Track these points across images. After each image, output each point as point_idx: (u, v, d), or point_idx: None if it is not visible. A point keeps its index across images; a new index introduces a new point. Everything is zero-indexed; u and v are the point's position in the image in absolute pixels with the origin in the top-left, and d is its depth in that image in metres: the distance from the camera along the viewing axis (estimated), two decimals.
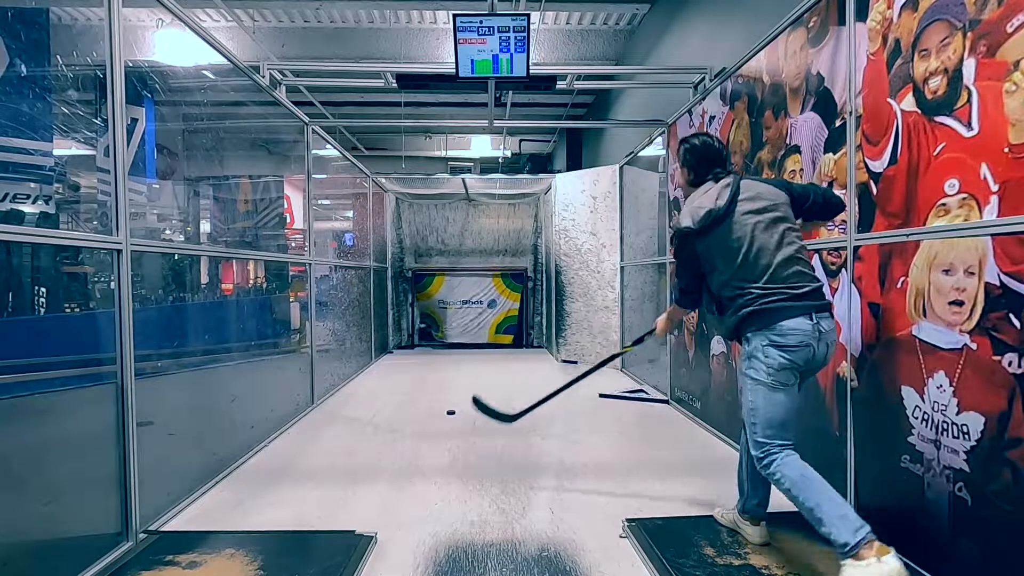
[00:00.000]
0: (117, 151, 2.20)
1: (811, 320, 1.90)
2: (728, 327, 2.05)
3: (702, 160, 2.18)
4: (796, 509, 1.84)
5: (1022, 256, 1.62)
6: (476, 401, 3.02)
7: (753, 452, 1.96)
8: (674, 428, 4.00)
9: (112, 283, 2.25)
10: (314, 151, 4.77)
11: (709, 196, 2.05)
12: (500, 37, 3.77)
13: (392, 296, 8.11)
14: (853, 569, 1.61)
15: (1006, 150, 1.66)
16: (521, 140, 12.51)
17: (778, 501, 2.62)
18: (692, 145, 2.22)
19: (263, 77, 3.88)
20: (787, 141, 2.89)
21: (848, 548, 1.63)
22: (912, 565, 1.91)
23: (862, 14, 2.29)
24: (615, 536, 2.32)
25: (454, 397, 4.89)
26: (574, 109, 10.41)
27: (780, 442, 1.91)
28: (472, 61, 3.84)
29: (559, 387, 2.89)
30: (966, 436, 1.78)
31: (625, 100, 7.91)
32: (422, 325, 8.49)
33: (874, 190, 2.21)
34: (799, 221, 2.12)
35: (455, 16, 3.74)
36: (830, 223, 2.50)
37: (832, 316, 2.00)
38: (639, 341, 2.78)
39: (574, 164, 10.96)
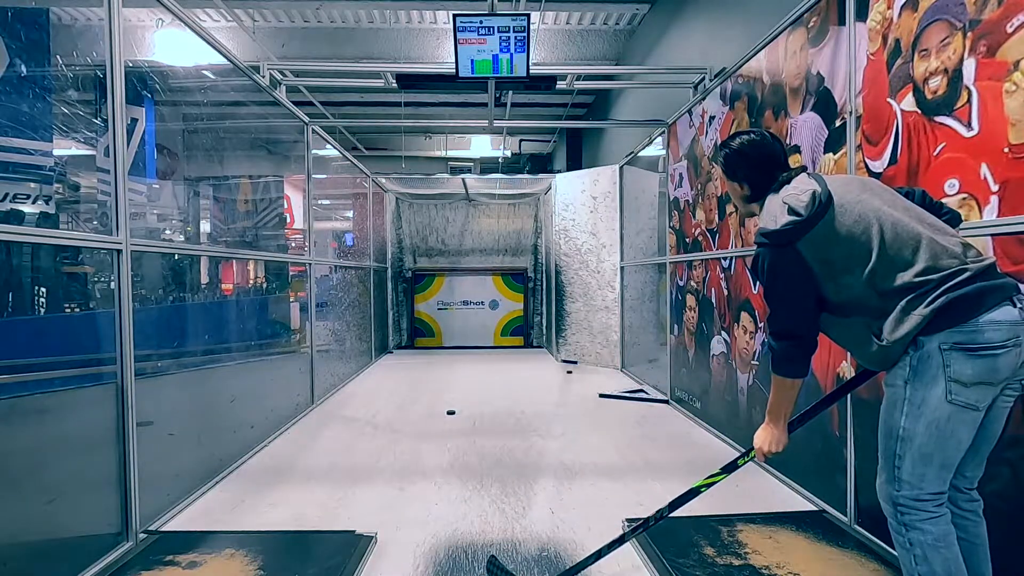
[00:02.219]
0: (117, 151, 2.20)
1: (1015, 307, 1.32)
2: (900, 342, 1.37)
3: (756, 166, 1.67)
4: (797, 509, 1.82)
5: (1022, 256, 1.62)
6: (493, 561, 2.06)
7: (887, 492, 1.43)
8: (674, 428, 4.00)
9: (112, 283, 2.25)
10: (314, 151, 4.77)
11: (797, 188, 1.53)
12: (500, 37, 3.77)
13: (392, 296, 8.11)
14: None
15: (1006, 150, 1.66)
16: (521, 140, 12.51)
17: (779, 500, 2.63)
18: (734, 151, 1.71)
19: (263, 77, 3.88)
20: (787, 141, 2.88)
21: None
22: None
23: (862, 14, 2.29)
24: (615, 536, 2.32)
25: (454, 397, 4.89)
26: (574, 109, 10.41)
27: (934, 491, 1.37)
28: (472, 61, 3.84)
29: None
30: None
31: (625, 100, 7.91)
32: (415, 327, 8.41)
33: None
34: None
35: (455, 16, 3.74)
36: None
37: None
38: (732, 468, 1.79)
39: (574, 164, 10.96)
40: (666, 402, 4.70)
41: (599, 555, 1.90)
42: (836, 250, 1.44)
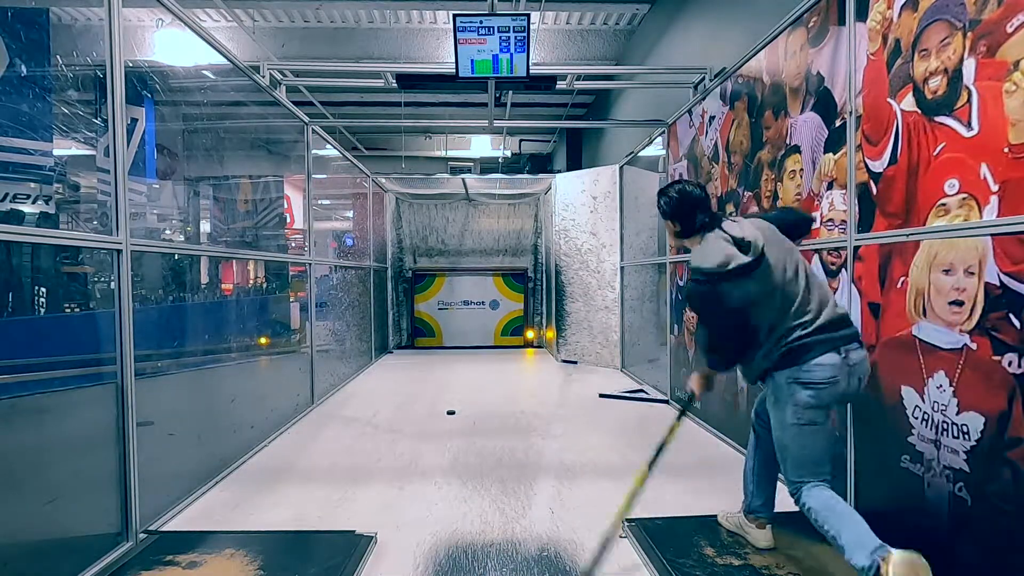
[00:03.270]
0: (117, 151, 2.20)
1: (840, 354, 1.77)
2: (755, 371, 1.90)
3: (685, 210, 1.99)
4: (797, 509, 1.83)
5: (1022, 256, 1.62)
6: None
7: (789, 490, 1.86)
8: None
9: (112, 283, 2.25)
10: (314, 151, 4.77)
11: (728, 252, 1.83)
12: (500, 37, 3.77)
13: (392, 296, 8.11)
14: None
15: (1006, 150, 1.66)
16: (521, 140, 12.51)
17: (779, 500, 2.62)
18: (670, 198, 2.04)
19: (263, 77, 3.88)
20: (787, 141, 2.89)
21: (866, 570, 1.58)
22: None
23: (862, 14, 2.29)
24: (615, 536, 2.31)
25: (454, 397, 4.89)
26: (574, 109, 10.41)
27: (812, 481, 1.80)
28: (472, 61, 3.84)
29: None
30: (966, 436, 1.78)
31: (625, 100, 7.91)
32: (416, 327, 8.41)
33: (874, 190, 2.21)
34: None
35: (455, 16, 3.74)
36: (830, 223, 2.51)
37: (862, 346, 1.84)
38: (684, 410, 2.23)
39: (574, 164, 10.95)
40: (666, 402, 4.70)
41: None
42: (754, 297, 1.82)
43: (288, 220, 7.76)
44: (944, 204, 1.88)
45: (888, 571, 1.51)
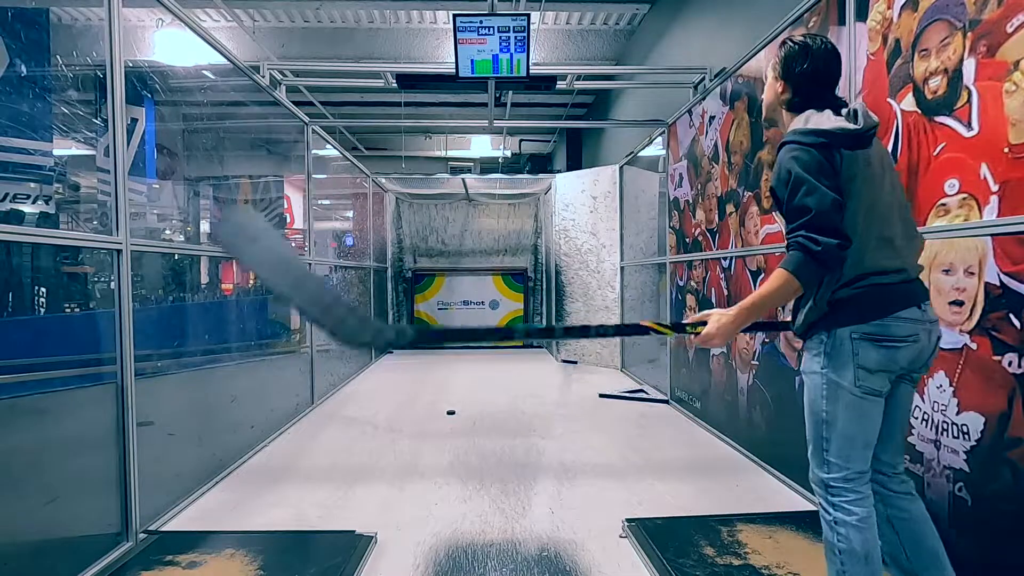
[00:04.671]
0: (117, 151, 2.20)
1: (920, 308, 1.45)
2: (817, 311, 1.46)
3: (816, 79, 1.54)
4: (797, 509, 1.82)
5: (1022, 256, 1.62)
6: None
7: (817, 475, 1.52)
8: (674, 428, 4.00)
9: (112, 283, 2.25)
10: (314, 151, 4.77)
11: (836, 119, 1.48)
12: (500, 37, 3.77)
13: (392, 296, 8.11)
14: None
15: (1006, 150, 1.66)
16: (521, 140, 12.50)
17: (779, 500, 2.63)
18: (801, 47, 1.56)
19: (263, 77, 3.88)
20: None
21: None
22: None
23: (862, 14, 2.29)
24: (615, 536, 2.32)
25: (454, 397, 4.89)
26: (574, 109, 10.40)
27: (859, 469, 1.46)
28: (472, 61, 3.84)
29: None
30: (966, 436, 1.78)
31: (625, 100, 7.90)
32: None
33: None
34: None
35: (455, 16, 3.74)
36: None
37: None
38: (680, 330, 1.70)
39: (574, 164, 10.95)
40: (666, 402, 4.70)
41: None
42: (854, 186, 1.43)
43: (288, 220, 7.75)
44: (944, 204, 1.88)
45: None
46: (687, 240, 4.31)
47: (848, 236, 1.39)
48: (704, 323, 1.57)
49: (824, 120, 1.47)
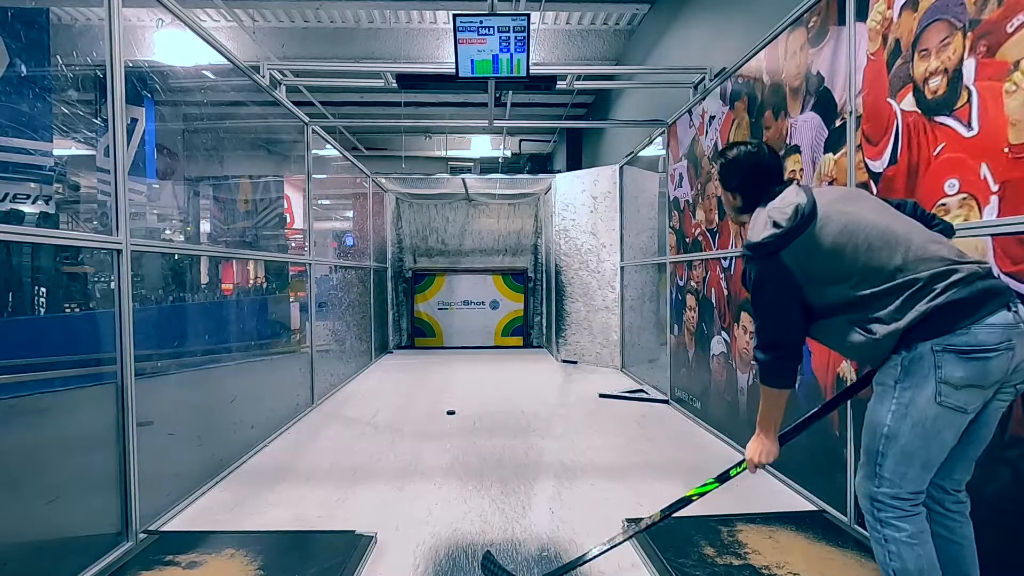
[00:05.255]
0: (117, 151, 2.20)
1: (1010, 310, 1.32)
2: (892, 336, 1.37)
3: (749, 177, 1.70)
4: (797, 509, 1.82)
5: (1022, 256, 1.62)
6: (488, 557, 2.07)
7: (865, 486, 1.44)
8: (674, 428, 4.00)
9: (112, 283, 2.25)
10: (314, 151, 4.77)
11: (783, 201, 1.55)
12: (500, 37, 3.77)
13: (392, 296, 8.11)
14: None
15: (1006, 150, 1.66)
16: (521, 140, 12.51)
17: (780, 500, 2.63)
18: (730, 160, 1.75)
19: (263, 77, 3.88)
20: (787, 141, 2.89)
21: None
22: None
23: (862, 14, 2.29)
24: (612, 535, 2.31)
25: (454, 397, 4.89)
26: (574, 109, 10.41)
27: (912, 490, 1.38)
28: (472, 61, 3.84)
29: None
30: None
31: (625, 100, 7.91)
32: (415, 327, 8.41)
33: (874, 190, 2.21)
34: None
35: (455, 16, 3.73)
36: None
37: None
38: (724, 478, 1.87)
39: (574, 164, 10.95)
40: (666, 402, 4.70)
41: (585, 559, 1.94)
42: (819, 261, 1.47)
43: (288, 220, 7.75)
44: (944, 204, 1.88)
45: None
46: (687, 240, 4.31)
47: (796, 341, 1.54)
48: (744, 461, 1.74)
49: (759, 225, 1.55)
